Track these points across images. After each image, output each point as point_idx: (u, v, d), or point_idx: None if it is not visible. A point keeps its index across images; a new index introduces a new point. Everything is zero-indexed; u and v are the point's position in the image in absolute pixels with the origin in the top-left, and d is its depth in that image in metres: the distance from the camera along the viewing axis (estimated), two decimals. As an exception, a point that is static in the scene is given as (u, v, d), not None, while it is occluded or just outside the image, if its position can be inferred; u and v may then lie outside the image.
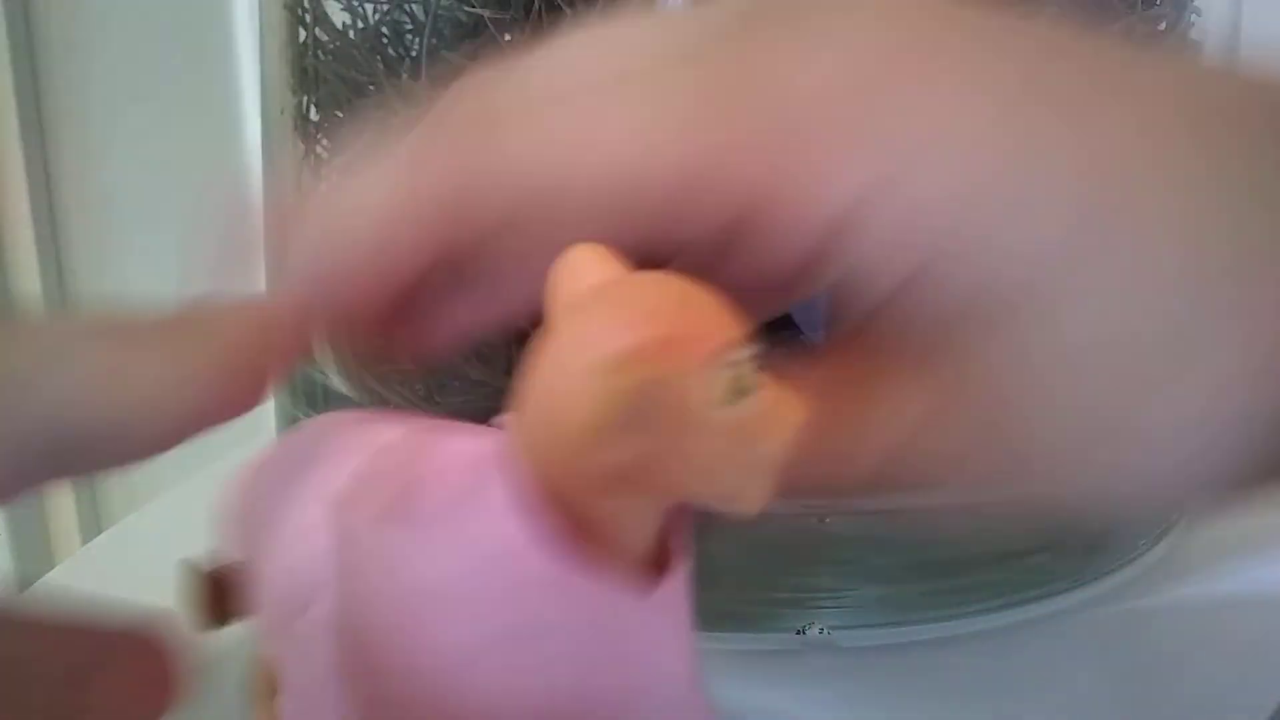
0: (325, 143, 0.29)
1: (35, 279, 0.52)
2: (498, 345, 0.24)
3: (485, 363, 0.25)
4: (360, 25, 0.27)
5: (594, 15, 0.23)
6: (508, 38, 0.24)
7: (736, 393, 0.13)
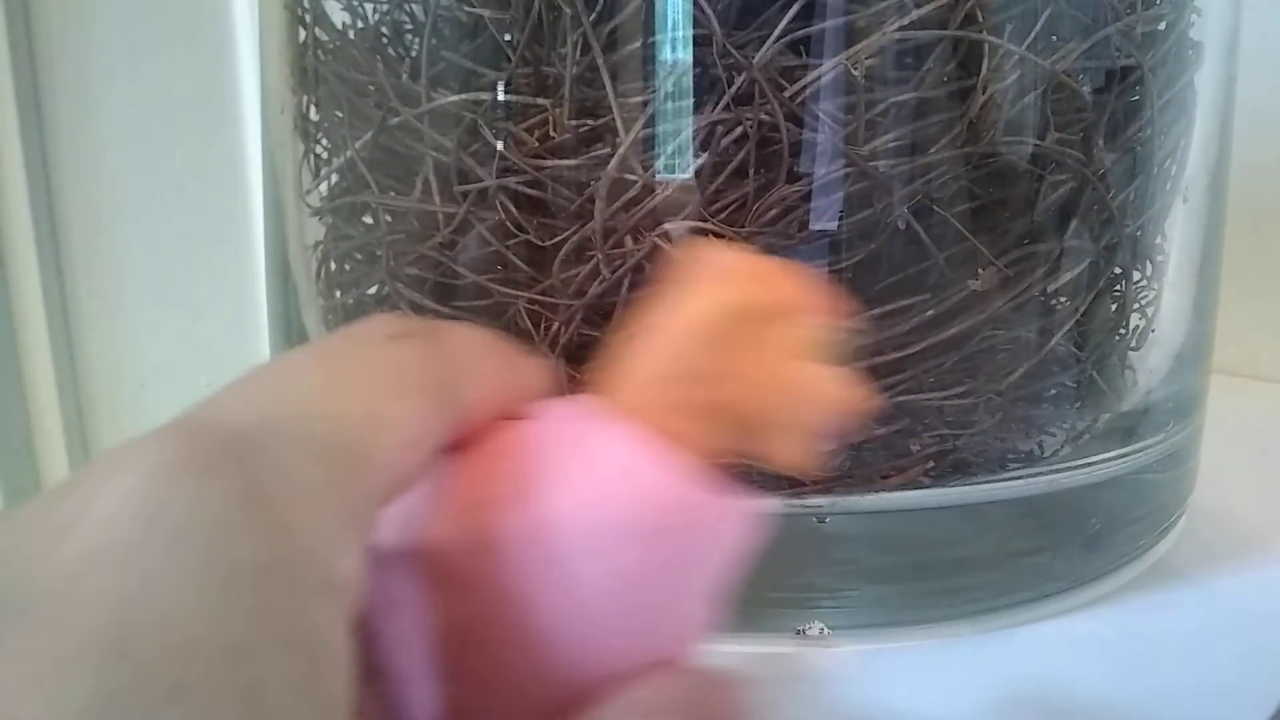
0: (325, 142, 0.29)
1: (35, 279, 0.52)
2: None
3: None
4: (360, 25, 0.27)
5: (592, 14, 0.23)
6: (507, 38, 0.24)
7: (803, 353, 0.15)
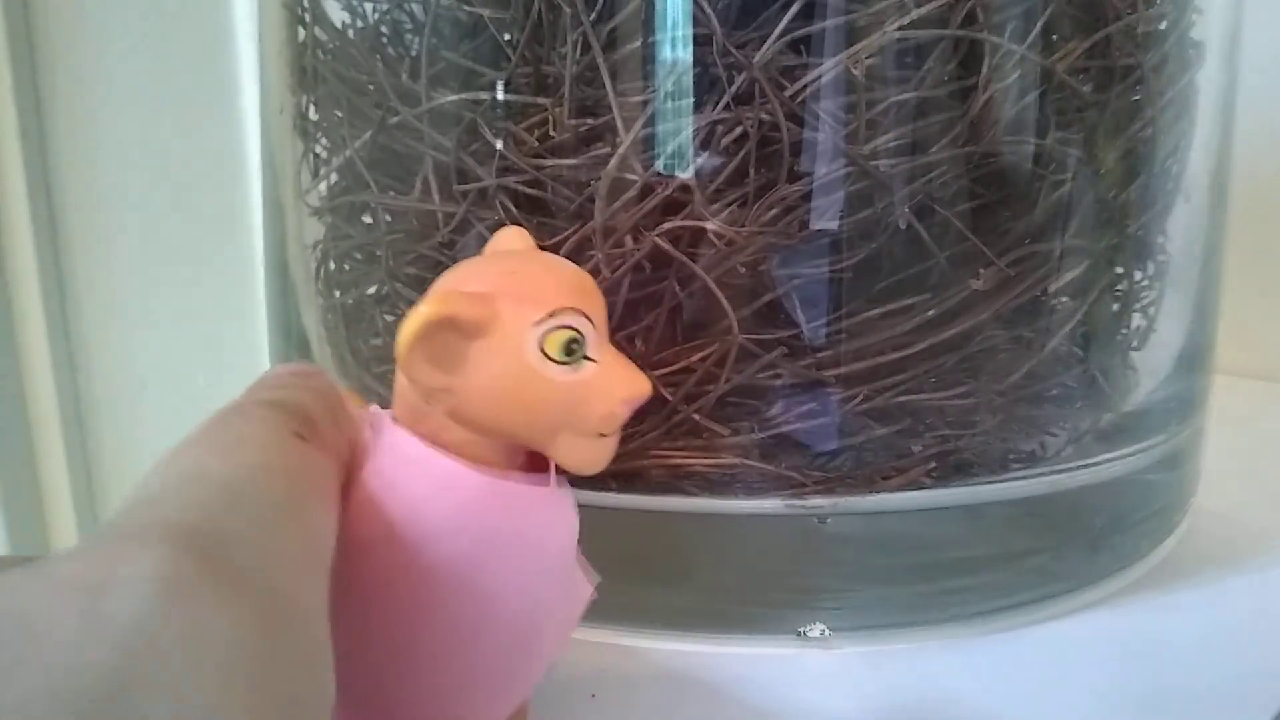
0: (324, 142, 0.29)
1: (35, 279, 0.52)
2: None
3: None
4: (359, 24, 0.27)
5: (592, 13, 0.23)
6: (507, 37, 0.24)
7: (569, 355, 0.16)
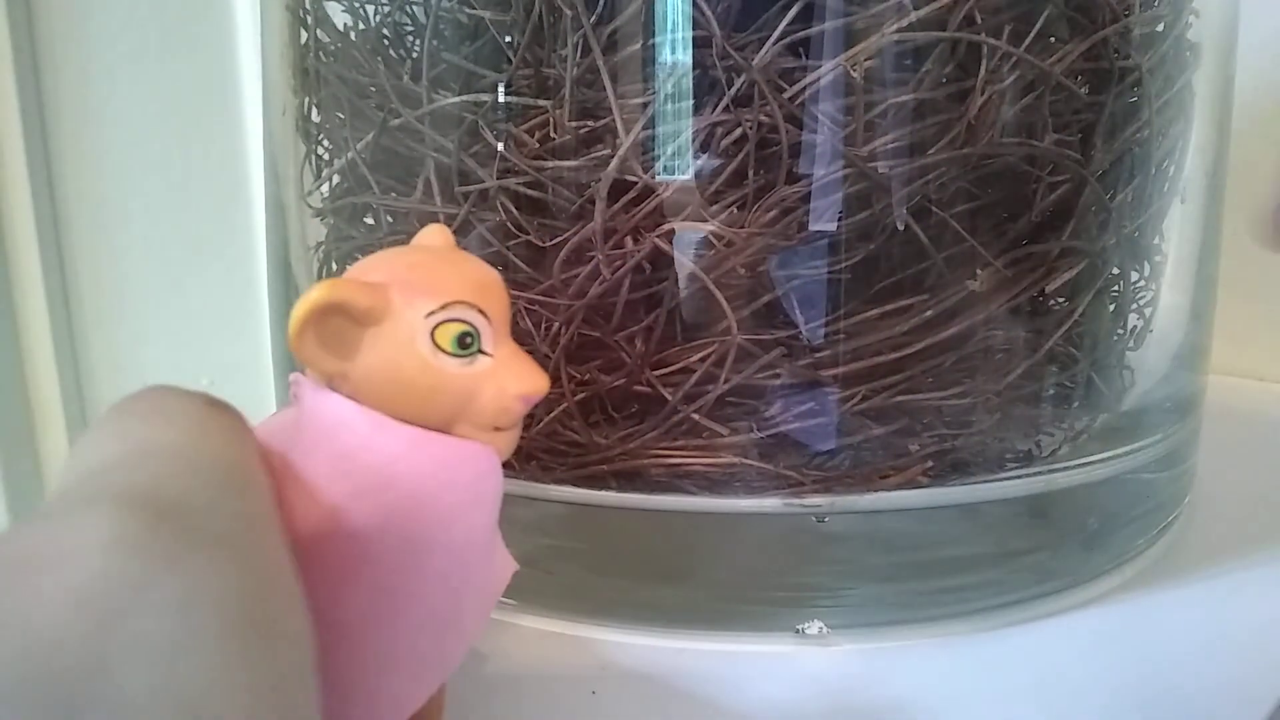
0: (326, 143, 0.29)
1: (38, 280, 0.52)
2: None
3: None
4: (361, 27, 0.27)
5: (592, 16, 0.23)
6: (508, 39, 0.24)
7: (463, 349, 0.16)
